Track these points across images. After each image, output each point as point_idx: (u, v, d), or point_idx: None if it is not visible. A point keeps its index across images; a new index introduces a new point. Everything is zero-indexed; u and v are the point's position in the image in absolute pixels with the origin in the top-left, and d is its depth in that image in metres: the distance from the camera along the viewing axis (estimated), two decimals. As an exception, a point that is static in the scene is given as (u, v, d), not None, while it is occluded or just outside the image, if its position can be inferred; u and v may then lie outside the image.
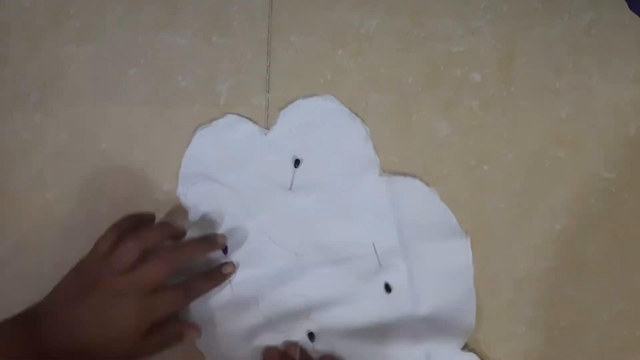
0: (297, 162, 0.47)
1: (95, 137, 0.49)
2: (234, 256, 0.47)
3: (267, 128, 0.49)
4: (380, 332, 0.46)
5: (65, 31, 0.50)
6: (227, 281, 0.46)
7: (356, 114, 0.49)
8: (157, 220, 0.46)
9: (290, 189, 0.47)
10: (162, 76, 0.50)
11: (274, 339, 0.46)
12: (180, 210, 0.48)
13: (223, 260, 0.47)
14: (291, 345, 0.45)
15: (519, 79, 0.50)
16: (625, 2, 0.48)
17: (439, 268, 0.47)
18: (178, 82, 0.50)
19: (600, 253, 0.48)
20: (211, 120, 0.49)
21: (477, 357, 0.46)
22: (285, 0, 0.50)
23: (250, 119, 0.48)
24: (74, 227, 0.48)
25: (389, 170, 0.49)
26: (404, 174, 0.48)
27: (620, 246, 0.48)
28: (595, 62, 0.50)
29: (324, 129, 0.48)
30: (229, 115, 0.48)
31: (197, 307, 0.46)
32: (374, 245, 0.47)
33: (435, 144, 0.49)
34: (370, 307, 0.46)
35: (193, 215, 0.47)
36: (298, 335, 0.46)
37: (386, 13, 0.50)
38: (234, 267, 0.46)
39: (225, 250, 0.47)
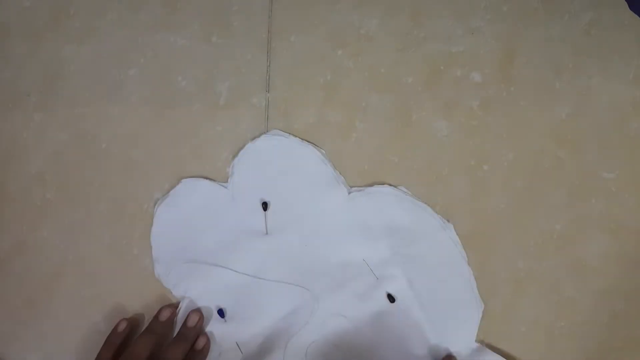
0: (265, 205, 0.47)
1: (95, 137, 0.49)
2: (234, 317, 0.46)
3: (229, 176, 0.48)
4: (397, 343, 0.46)
5: (65, 31, 0.50)
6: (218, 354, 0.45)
7: (307, 140, 0.48)
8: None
9: (266, 233, 0.47)
10: (162, 76, 0.50)
11: None
12: None
13: (222, 325, 0.46)
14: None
15: (519, 79, 0.50)
16: (625, 2, 0.48)
17: (433, 263, 0.47)
18: (178, 82, 0.50)
19: (600, 253, 0.48)
20: (168, 190, 0.48)
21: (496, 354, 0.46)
22: (285, 0, 0.50)
23: (207, 177, 0.48)
24: (74, 227, 0.48)
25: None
26: (371, 184, 0.48)
27: (620, 246, 0.48)
28: (595, 62, 0.50)
29: (280, 164, 0.48)
30: (184, 180, 0.47)
31: None
32: (364, 261, 0.47)
33: (435, 144, 0.49)
34: (381, 322, 0.46)
35: (177, 292, 0.47)
36: None
37: (386, 13, 0.50)
38: (199, 316, 0.45)
39: (221, 313, 0.46)
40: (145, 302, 0.47)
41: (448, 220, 0.48)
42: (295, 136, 0.49)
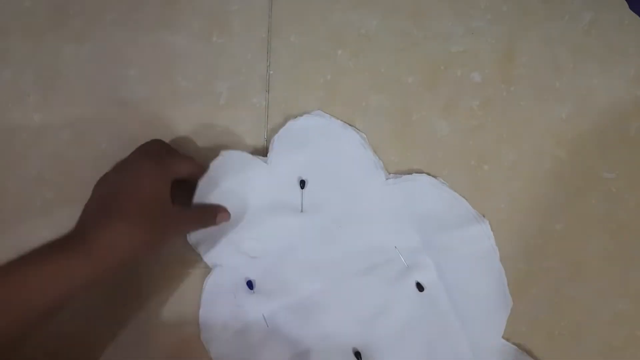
0: (302, 183, 0.47)
1: (95, 137, 0.49)
2: (262, 290, 0.46)
3: (266, 142, 0.49)
4: (422, 334, 0.46)
5: (65, 31, 0.50)
6: (260, 316, 0.46)
7: (348, 123, 0.49)
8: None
9: (301, 211, 0.47)
10: (162, 76, 0.50)
11: None
12: None
13: (250, 296, 0.46)
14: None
15: (519, 79, 0.50)
16: (626, 2, 0.48)
17: (464, 256, 0.47)
18: (178, 82, 0.50)
19: (600, 253, 0.48)
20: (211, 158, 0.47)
21: (516, 348, 0.46)
22: (285, 0, 0.50)
23: (246, 152, 0.47)
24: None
25: (393, 170, 0.49)
26: (409, 172, 0.48)
27: (620, 246, 0.48)
28: (595, 62, 0.50)
29: (320, 144, 0.48)
30: (224, 152, 0.46)
31: (233, 345, 0.46)
32: (396, 248, 0.47)
33: (435, 144, 0.49)
34: (408, 311, 0.46)
35: (209, 260, 0.47)
36: (345, 356, 0.45)
37: (386, 13, 0.50)
38: (228, 216, 0.46)
39: (250, 285, 0.46)
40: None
41: (484, 216, 0.48)
42: (337, 118, 0.49)
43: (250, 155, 0.47)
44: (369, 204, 0.47)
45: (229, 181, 0.46)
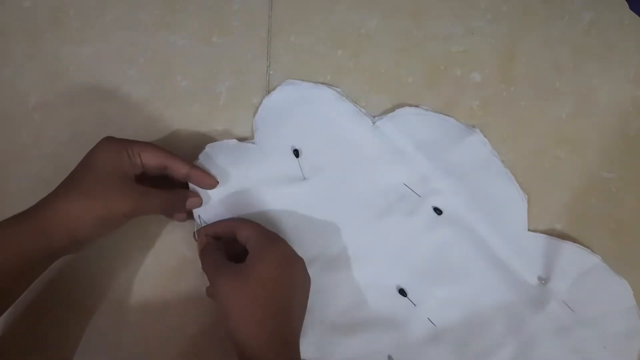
0: (296, 152, 0.47)
1: (95, 137, 0.49)
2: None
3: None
4: (455, 253, 0.47)
5: (65, 31, 0.50)
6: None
7: (320, 82, 0.49)
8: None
9: (304, 178, 0.47)
10: (162, 76, 0.50)
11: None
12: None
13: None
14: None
15: (519, 79, 0.50)
16: (626, 2, 0.48)
17: (469, 168, 0.48)
18: (178, 82, 0.50)
19: (600, 253, 0.48)
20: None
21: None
22: (285, 0, 0.50)
23: (232, 140, 0.47)
24: (74, 227, 0.48)
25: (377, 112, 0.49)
26: (392, 109, 0.49)
27: (620, 246, 0.48)
28: (595, 62, 0.50)
29: (301, 111, 0.48)
30: (209, 145, 0.46)
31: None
32: (405, 184, 0.47)
33: (435, 144, 0.49)
34: (435, 237, 0.47)
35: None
36: (391, 297, 0.46)
37: (386, 13, 0.50)
38: (199, 202, 0.45)
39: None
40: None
41: (473, 126, 0.48)
42: (308, 81, 0.49)
43: (235, 141, 0.47)
44: (365, 150, 0.48)
45: (221, 169, 0.46)
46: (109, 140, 0.42)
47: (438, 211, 0.47)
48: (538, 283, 0.46)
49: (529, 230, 0.47)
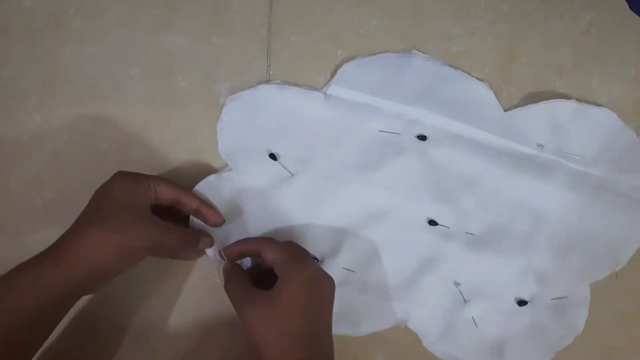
0: (273, 157, 0.48)
1: (95, 137, 0.49)
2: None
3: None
4: (458, 170, 0.48)
5: (65, 31, 0.50)
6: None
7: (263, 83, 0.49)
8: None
9: (292, 175, 0.48)
10: (162, 76, 0.50)
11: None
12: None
13: None
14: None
15: (519, 79, 0.50)
16: (626, 2, 0.48)
17: (426, 85, 0.48)
18: (178, 82, 0.50)
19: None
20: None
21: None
22: (285, 0, 0.50)
23: (213, 175, 0.48)
24: (74, 227, 0.48)
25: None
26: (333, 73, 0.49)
27: (620, 246, 0.48)
28: (595, 62, 0.50)
29: (254, 118, 0.48)
30: (196, 187, 0.47)
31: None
32: (380, 131, 0.48)
33: (435, 144, 0.49)
34: (431, 161, 0.48)
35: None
36: (425, 230, 0.48)
37: (386, 13, 0.50)
38: (211, 243, 0.46)
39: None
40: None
41: (410, 50, 0.49)
42: (247, 88, 0.49)
43: (215, 176, 0.48)
44: (331, 121, 0.48)
45: (217, 203, 0.47)
46: (123, 173, 0.43)
47: (423, 138, 0.48)
48: (538, 150, 0.48)
49: (505, 111, 0.49)
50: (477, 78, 0.49)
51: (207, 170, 0.49)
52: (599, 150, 0.48)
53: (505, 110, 0.49)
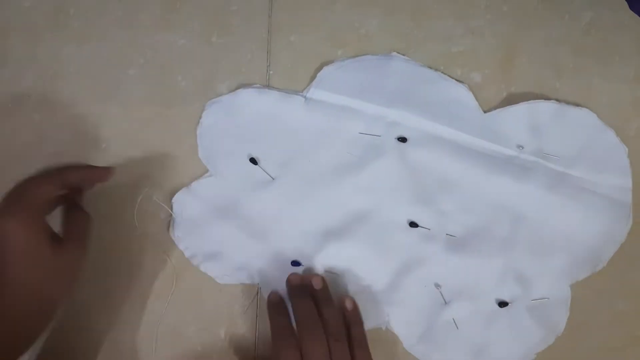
0: (253, 161, 0.48)
1: (95, 137, 0.49)
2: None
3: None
4: (438, 172, 0.48)
5: (65, 31, 0.50)
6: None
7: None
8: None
9: (273, 178, 0.48)
10: (162, 76, 0.50)
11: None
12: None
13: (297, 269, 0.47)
14: (315, 276, 0.46)
15: (519, 79, 0.50)
16: (625, 2, 0.48)
17: (407, 87, 0.49)
18: (178, 82, 0.50)
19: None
20: (168, 189, 0.48)
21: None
22: (285, 0, 0.50)
23: (184, 187, 0.48)
24: (74, 227, 0.48)
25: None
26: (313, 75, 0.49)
27: (620, 246, 0.48)
28: (595, 62, 0.50)
29: (230, 125, 0.48)
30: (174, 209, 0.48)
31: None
32: (361, 133, 0.48)
33: (435, 144, 0.49)
34: (411, 163, 0.48)
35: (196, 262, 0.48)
36: (404, 232, 0.47)
37: (386, 13, 0.50)
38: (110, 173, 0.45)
39: (296, 263, 0.47)
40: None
41: (390, 52, 0.49)
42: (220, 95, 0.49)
43: (195, 183, 0.48)
44: (311, 124, 0.48)
45: (197, 212, 0.48)
46: (13, 223, 0.38)
47: (403, 140, 0.48)
48: (518, 151, 0.48)
49: (485, 112, 0.49)
50: (456, 80, 0.49)
51: (206, 171, 0.49)
52: (579, 151, 0.47)
53: (485, 112, 0.48)
